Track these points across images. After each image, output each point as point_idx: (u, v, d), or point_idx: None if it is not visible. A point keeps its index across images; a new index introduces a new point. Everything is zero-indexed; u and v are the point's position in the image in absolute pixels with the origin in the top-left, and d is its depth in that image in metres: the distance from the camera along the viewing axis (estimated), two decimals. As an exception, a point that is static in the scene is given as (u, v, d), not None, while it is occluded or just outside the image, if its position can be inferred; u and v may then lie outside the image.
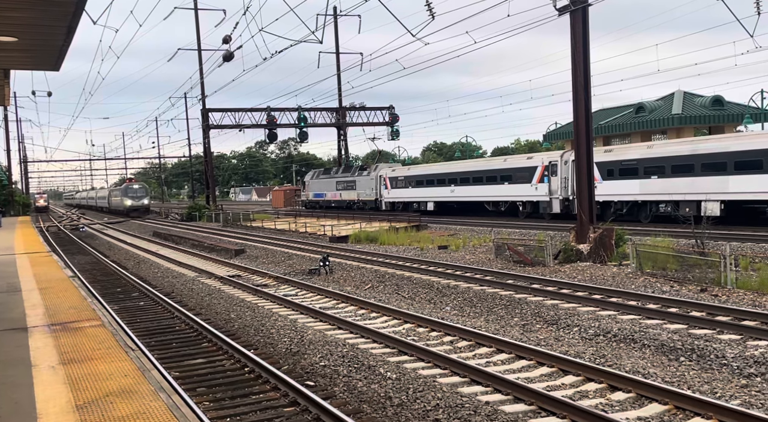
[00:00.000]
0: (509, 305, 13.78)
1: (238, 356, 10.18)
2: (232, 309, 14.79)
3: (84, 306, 10.24)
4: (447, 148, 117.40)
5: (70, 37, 9.95)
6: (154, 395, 5.64)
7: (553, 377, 9.02)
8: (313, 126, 57.22)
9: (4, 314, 9.53)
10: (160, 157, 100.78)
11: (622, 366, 9.12)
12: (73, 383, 6.06)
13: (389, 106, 58.07)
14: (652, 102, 43.33)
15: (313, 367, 9.75)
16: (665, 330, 10.96)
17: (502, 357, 10.06)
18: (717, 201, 23.92)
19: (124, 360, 6.85)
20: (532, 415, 7.51)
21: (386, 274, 18.57)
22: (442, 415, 7.47)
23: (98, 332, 8.29)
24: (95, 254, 29.89)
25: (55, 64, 12.02)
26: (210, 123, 54.84)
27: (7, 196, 62.33)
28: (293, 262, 23.16)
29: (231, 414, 7.78)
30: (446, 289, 15.90)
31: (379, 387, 8.59)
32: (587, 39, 19.16)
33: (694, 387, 8.22)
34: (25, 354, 7.15)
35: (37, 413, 5.26)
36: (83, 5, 8.56)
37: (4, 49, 10.65)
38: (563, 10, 19.10)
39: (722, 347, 9.75)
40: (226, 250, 28.26)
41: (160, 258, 26.70)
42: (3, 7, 8.48)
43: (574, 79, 19.34)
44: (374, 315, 13.75)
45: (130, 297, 17.28)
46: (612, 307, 12.91)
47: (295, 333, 11.82)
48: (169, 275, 21.52)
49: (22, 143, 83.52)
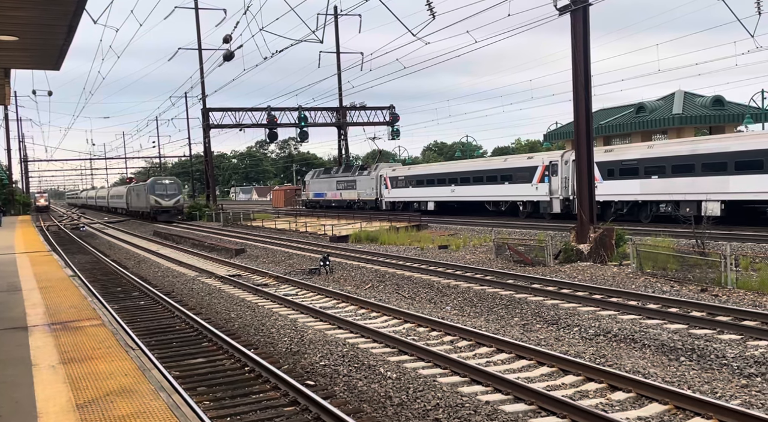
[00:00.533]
0: (509, 305, 13.77)
1: (239, 355, 10.18)
2: (233, 308, 14.79)
3: (84, 305, 10.24)
4: (447, 148, 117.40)
5: (71, 36, 9.95)
6: (154, 394, 5.64)
7: (553, 377, 9.02)
8: (314, 125, 57.23)
9: (5, 313, 9.53)
10: (160, 157, 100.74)
11: (622, 366, 9.12)
12: (73, 382, 6.06)
13: (390, 105, 58.10)
14: (652, 102, 43.31)
15: (314, 367, 9.75)
16: (665, 330, 10.95)
17: (502, 357, 10.06)
18: (717, 201, 23.91)
19: (125, 360, 6.85)
20: (533, 415, 7.51)
21: (386, 274, 18.57)
22: (442, 415, 7.47)
23: (98, 331, 8.29)
24: (95, 253, 29.89)
25: (55, 64, 12.02)
26: (210, 122, 54.85)
27: (7, 195, 62.35)
28: (293, 262, 23.16)
29: (231, 414, 7.77)
30: (446, 289, 15.89)
31: (380, 386, 8.59)
32: (588, 39, 19.15)
33: (695, 387, 8.21)
34: (25, 354, 7.16)
35: (38, 412, 5.26)
36: (84, 4, 8.56)
37: (4, 48, 10.65)
38: (564, 10, 19.10)
39: (722, 347, 9.74)
40: (227, 250, 28.27)
41: (160, 258, 26.70)
42: (4, 6, 8.48)
43: (574, 79, 19.34)
44: (374, 315, 13.75)
45: (130, 296, 17.29)
46: (612, 307, 12.90)
47: (295, 332, 11.82)
48: (169, 274, 21.52)
49: (22, 142, 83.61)
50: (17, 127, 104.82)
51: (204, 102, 55.43)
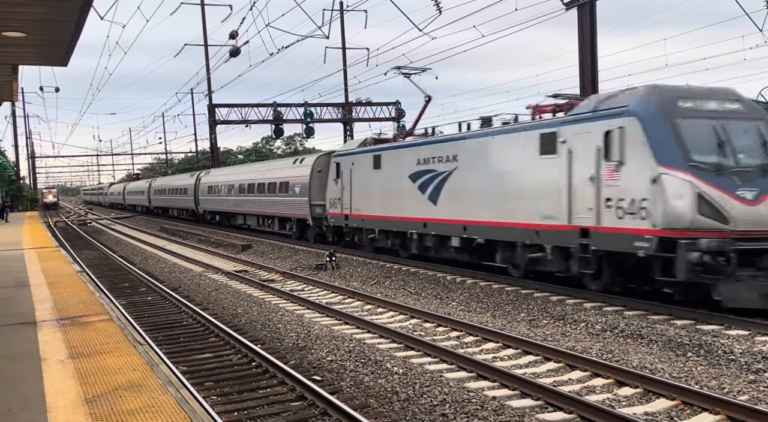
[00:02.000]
0: (516, 300, 13.77)
1: (245, 351, 10.21)
2: (239, 304, 14.83)
3: (92, 300, 10.29)
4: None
5: (79, 32, 9.98)
6: (162, 389, 5.67)
7: (560, 372, 9.01)
8: (320, 121, 57.19)
9: (14, 309, 9.59)
10: (167, 153, 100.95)
11: (629, 362, 9.11)
12: (82, 377, 6.09)
13: (396, 101, 57.95)
14: (659, 97, 43.06)
15: (320, 362, 9.77)
16: (673, 326, 10.93)
17: (509, 353, 10.06)
18: None
19: (133, 355, 6.89)
20: (539, 410, 7.51)
21: (392, 270, 18.58)
22: (449, 410, 7.48)
23: (106, 326, 8.34)
24: (103, 249, 30.01)
25: (63, 60, 12.07)
26: (216, 118, 54.92)
27: (15, 191, 62.67)
28: (299, 258, 23.20)
29: (238, 409, 7.80)
30: (452, 285, 15.89)
31: (386, 381, 8.61)
32: (595, 33, 19.07)
33: (702, 383, 8.20)
34: (34, 349, 7.20)
35: (47, 406, 5.29)
36: (91, 1, 8.59)
37: (12, 45, 10.70)
38: (570, 4, 19.02)
39: (730, 343, 9.71)
40: (233, 246, 28.33)
41: (167, 254, 26.79)
42: (12, 3, 8.52)
43: (581, 74, 19.27)
44: (381, 311, 13.77)
45: (137, 292, 17.35)
46: (619, 303, 12.87)
47: (301, 328, 11.85)
48: (176, 270, 21.60)
49: (29, 139, 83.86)
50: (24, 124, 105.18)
51: (210, 98, 55.51)
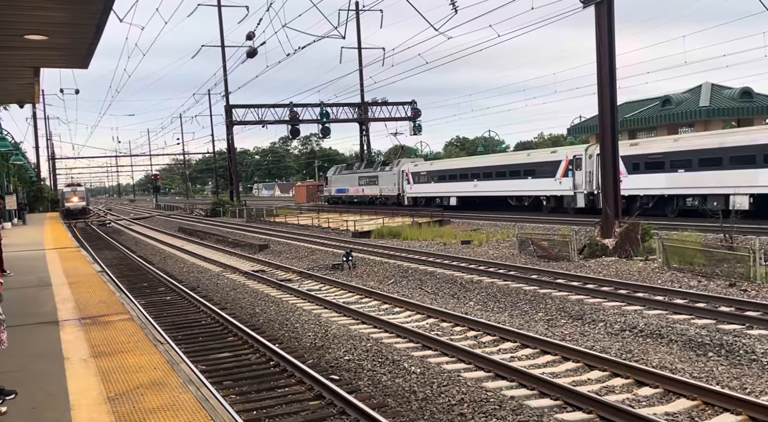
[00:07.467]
0: (533, 300, 13.71)
1: (264, 350, 10.28)
2: (257, 303, 14.92)
3: (113, 300, 10.40)
4: (470, 143, 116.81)
5: (99, 35, 10.10)
6: (183, 387, 5.72)
7: (578, 372, 8.96)
8: (336, 121, 57.37)
9: (36, 308, 9.73)
10: (184, 154, 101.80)
11: (649, 362, 9.04)
12: (104, 375, 6.17)
13: (411, 100, 57.98)
14: (678, 94, 42.65)
15: (338, 361, 9.81)
16: (693, 326, 10.82)
17: (526, 352, 10.03)
18: (746, 194, 23.51)
19: (153, 354, 6.96)
20: (558, 410, 7.48)
21: (409, 269, 18.58)
22: (467, 409, 7.47)
23: (127, 326, 8.42)
24: (122, 249, 30.32)
25: (84, 62, 12.21)
26: (233, 119, 55.26)
27: (36, 192, 63.43)
28: (316, 257, 23.27)
29: (257, 407, 7.86)
30: (470, 284, 15.86)
31: (404, 381, 8.62)
32: (612, 31, 18.90)
33: (723, 383, 8.11)
34: (57, 348, 7.30)
35: (71, 404, 5.37)
36: (111, 4, 8.69)
37: (35, 48, 10.85)
38: (588, 2, 18.88)
39: (752, 342, 9.60)
40: (250, 246, 28.49)
41: (185, 254, 27.00)
42: (34, 7, 8.64)
43: (599, 72, 19.12)
44: (398, 310, 13.77)
45: (156, 291, 17.52)
46: (638, 302, 12.77)
47: (319, 327, 11.89)
48: (194, 270, 21.76)
49: (50, 140, 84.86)
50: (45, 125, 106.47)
51: (227, 99, 55.83)
